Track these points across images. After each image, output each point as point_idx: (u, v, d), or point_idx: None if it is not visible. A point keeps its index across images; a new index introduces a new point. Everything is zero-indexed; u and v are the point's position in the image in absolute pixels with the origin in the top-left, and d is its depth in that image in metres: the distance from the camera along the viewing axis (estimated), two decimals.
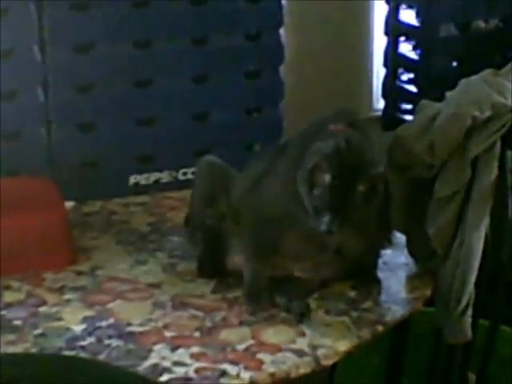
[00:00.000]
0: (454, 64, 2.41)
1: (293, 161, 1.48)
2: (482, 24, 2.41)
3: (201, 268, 1.64)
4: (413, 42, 2.45)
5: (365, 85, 2.60)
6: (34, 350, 1.39)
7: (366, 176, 1.41)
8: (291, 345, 1.42)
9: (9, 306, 1.53)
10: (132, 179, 2.07)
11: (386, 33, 2.47)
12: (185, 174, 2.09)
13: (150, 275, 1.65)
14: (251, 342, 1.43)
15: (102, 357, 1.38)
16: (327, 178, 1.41)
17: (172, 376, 1.34)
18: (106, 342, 1.43)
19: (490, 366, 1.72)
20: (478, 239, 1.58)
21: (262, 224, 1.52)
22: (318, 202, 1.42)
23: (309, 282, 1.56)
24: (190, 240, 1.69)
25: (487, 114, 1.57)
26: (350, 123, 1.48)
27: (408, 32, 2.44)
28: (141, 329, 1.47)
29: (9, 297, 1.56)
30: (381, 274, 1.62)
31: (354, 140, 1.44)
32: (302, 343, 1.42)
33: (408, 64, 2.45)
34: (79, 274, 1.65)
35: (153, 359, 1.38)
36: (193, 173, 2.05)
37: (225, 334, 1.45)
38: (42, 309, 1.53)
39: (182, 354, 1.39)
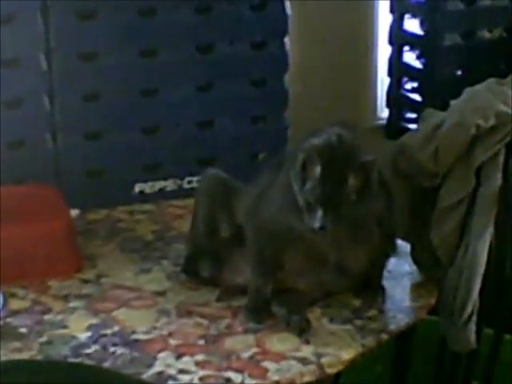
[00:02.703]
0: (458, 73, 2.42)
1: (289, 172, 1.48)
2: (486, 33, 2.42)
3: (185, 270, 1.65)
4: (417, 51, 2.45)
5: (369, 94, 2.60)
6: (39, 358, 1.40)
7: (357, 166, 1.40)
8: (296, 353, 1.42)
9: (14, 313, 1.54)
10: (137, 187, 2.07)
11: (391, 42, 2.48)
12: (190, 182, 2.09)
13: (155, 283, 1.65)
14: (256, 349, 1.43)
15: (106, 364, 1.38)
16: (318, 170, 1.40)
17: None
18: (111, 349, 1.43)
19: (494, 375, 1.72)
20: (482, 247, 1.58)
21: (265, 240, 1.52)
22: (310, 196, 1.40)
23: (311, 294, 1.56)
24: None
25: (491, 122, 1.58)
26: (346, 126, 1.48)
27: (412, 41, 2.44)
28: (146, 337, 1.47)
29: (14, 304, 1.56)
30: (385, 283, 1.62)
31: (345, 135, 1.43)
32: (306, 351, 1.42)
33: (412, 73, 2.46)
34: (84, 281, 1.66)
35: (158, 367, 1.38)
36: (198, 181, 2.05)
37: (229, 342, 1.45)
38: (48, 316, 1.53)
39: (186, 362, 1.40)
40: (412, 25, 2.44)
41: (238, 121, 2.15)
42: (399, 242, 1.63)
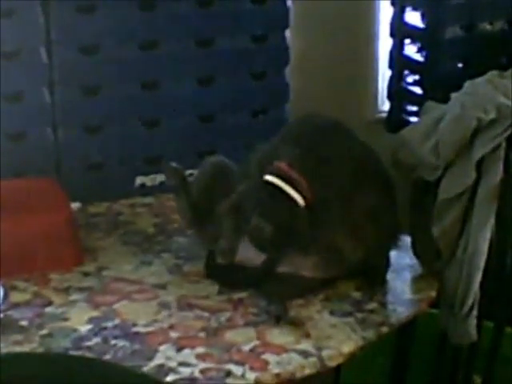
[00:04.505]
0: (460, 66, 2.41)
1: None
2: (487, 26, 2.41)
3: (207, 267, 1.64)
4: (418, 44, 2.44)
5: (370, 86, 2.60)
6: (40, 350, 1.40)
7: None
8: (296, 346, 1.42)
9: (15, 306, 1.54)
10: (138, 180, 2.07)
11: (392, 35, 2.47)
12: (190, 175, 2.09)
13: (156, 276, 1.65)
14: (256, 342, 1.43)
15: (107, 357, 1.38)
16: None
17: (177, 376, 1.35)
18: (112, 342, 1.43)
19: (494, 368, 1.72)
20: (483, 240, 1.58)
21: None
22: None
23: (299, 284, 1.56)
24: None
25: (492, 115, 1.58)
26: (296, 161, 1.50)
27: (413, 34, 2.44)
28: (146, 329, 1.47)
29: (15, 297, 1.57)
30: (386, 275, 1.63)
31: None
32: (307, 344, 1.43)
33: (413, 66, 2.45)
34: (85, 274, 1.66)
35: (158, 360, 1.38)
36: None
37: (230, 335, 1.45)
38: (49, 309, 1.53)
39: (187, 355, 1.40)
40: (413, 17, 2.43)
41: (239, 114, 2.15)
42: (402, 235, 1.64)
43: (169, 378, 1.34)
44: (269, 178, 1.49)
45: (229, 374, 1.36)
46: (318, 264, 1.54)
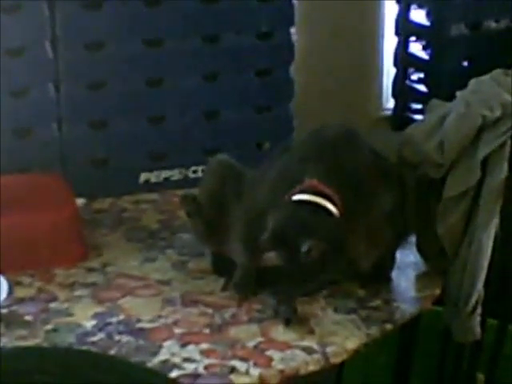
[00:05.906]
0: (465, 64, 2.41)
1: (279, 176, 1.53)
2: (492, 24, 2.41)
3: (214, 264, 1.64)
4: (423, 42, 2.44)
5: (375, 84, 2.60)
6: (45, 345, 1.40)
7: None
8: (300, 342, 1.42)
9: (20, 301, 1.54)
10: (143, 177, 2.07)
11: (397, 32, 2.47)
12: (195, 171, 2.10)
13: (160, 272, 1.66)
14: (260, 339, 1.43)
15: (112, 352, 1.39)
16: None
17: (182, 372, 1.35)
18: (117, 337, 1.43)
19: (498, 366, 1.72)
20: (487, 238, 1.58)
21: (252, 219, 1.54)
22: None
23: (307, 285, 1.56)
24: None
25: (497, 113, 1.58)
26: (328, 175, 1.49)
27: (418, 32, 2.44)
28: (151, 325, 1.47)
29: (20, 292, 1.57)
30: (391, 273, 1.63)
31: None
32: (311, 341, 1.43)
33: (418, 64, 2.45)
34: (90, 270, 1.66)
35: (163, 355, 1.39)
36: (203, 171, 2.05)
37: (234, 331, 1.46)
38: (53, 304, 1.54)
39: (191, 351, 1.40)
40: (418, 15, 2.43)
41: (244, 110, 2.15)
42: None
43: (173, 374, 1.34)
44: (304, 196, 1.47)
45: (233, 370, 1.36)
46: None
